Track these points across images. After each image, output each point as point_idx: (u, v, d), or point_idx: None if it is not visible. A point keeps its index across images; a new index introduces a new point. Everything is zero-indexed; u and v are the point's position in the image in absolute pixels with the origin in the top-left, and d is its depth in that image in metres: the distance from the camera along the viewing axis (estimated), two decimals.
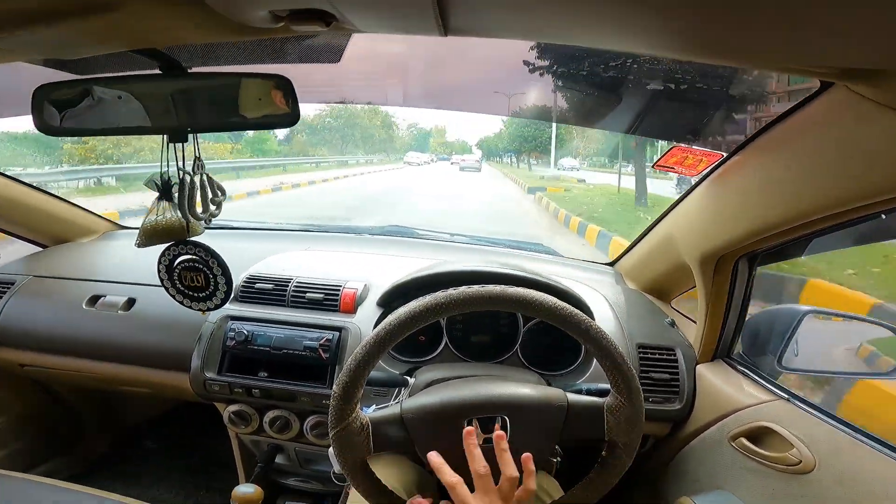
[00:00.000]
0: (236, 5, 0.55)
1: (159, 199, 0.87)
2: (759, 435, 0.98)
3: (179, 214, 0.87)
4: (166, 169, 0.83)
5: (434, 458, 0.74)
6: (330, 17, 0.58)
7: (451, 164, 25.37)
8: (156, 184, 0.86)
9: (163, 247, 0.98)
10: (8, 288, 1.48)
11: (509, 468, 0.72)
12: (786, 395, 0.99)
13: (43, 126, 0.76)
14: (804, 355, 1.14)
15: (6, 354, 1.46)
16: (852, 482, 0.79)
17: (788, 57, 0.55)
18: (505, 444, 0.73)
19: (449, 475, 0.71)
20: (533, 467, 0.74)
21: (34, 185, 1.64)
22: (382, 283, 1.32)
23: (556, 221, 8.79)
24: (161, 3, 0.53)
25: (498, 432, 0.74)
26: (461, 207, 10.16)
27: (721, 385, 1.11)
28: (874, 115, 0.60)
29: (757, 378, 1.08)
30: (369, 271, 1.43)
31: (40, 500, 1.05)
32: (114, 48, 0.69)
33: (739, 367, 1.14)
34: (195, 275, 1.00)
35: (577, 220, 7.87)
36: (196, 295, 1.01)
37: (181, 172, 0.84)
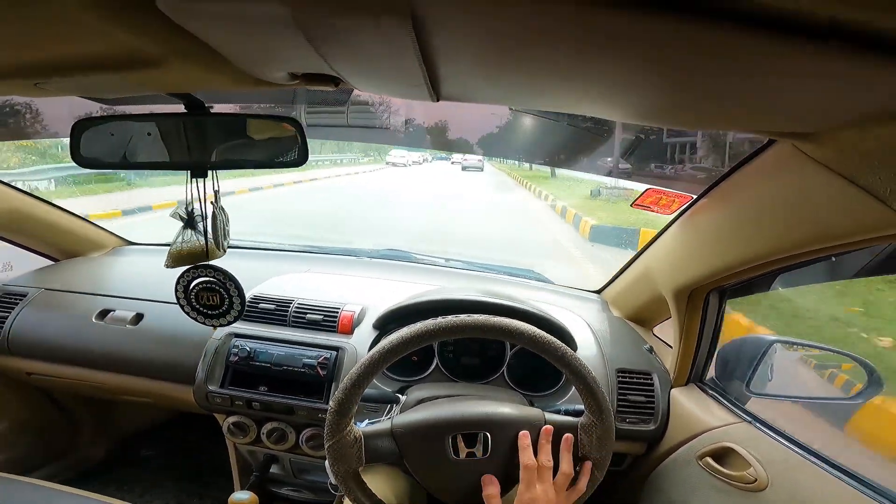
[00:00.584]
0: (260, 67, 0.64)
1: (184, 227, 0.95)
2: (723, 455, 1.05)
3: (201, 240, 0.95)
4: (189, 201, 0.91)
5: (523, 439, 0.81)
6: (338, 80, 0.67)
7: (452, 163, 23.69)
8: (180, 215, 0.93)
9: (181, 269, 1.06)
10: (20, 299, 1.54)
11: (567, 465, 0.80)
12: (749, 419, 1.07)
13: (79, 158, 0.83)
14: (771, 381, 1.22)
15: (14, 363, 1.51)
16: (802, 500, 0.87)
17: (737, 122, 0.63)
18: (570, 446, 0.81)
19: (528, 457, 0.79)
20: (588, 472, 0.82)
21: (48, 200, 1.71)
22: (379, 307, 1.39)
23: None
24: (194, 62, 0.60)
25: (567, 435, 0.82)
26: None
27: (692, 408, 1.18)
28: (813, 171, 0.67)
29: (724, 402, 1.15)
30: (366, 294, 1.50)
31: (37, 502, 1.10)
32: (148, 91, 0.76)
33: (710, 391, 1.21)
34: (211, 294, 1.07)
35: None
36: (209, 312, 1.09)
37: (202, 205, 0.92)
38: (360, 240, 6.51)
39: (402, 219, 8.30)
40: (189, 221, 0.94)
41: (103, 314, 1.49)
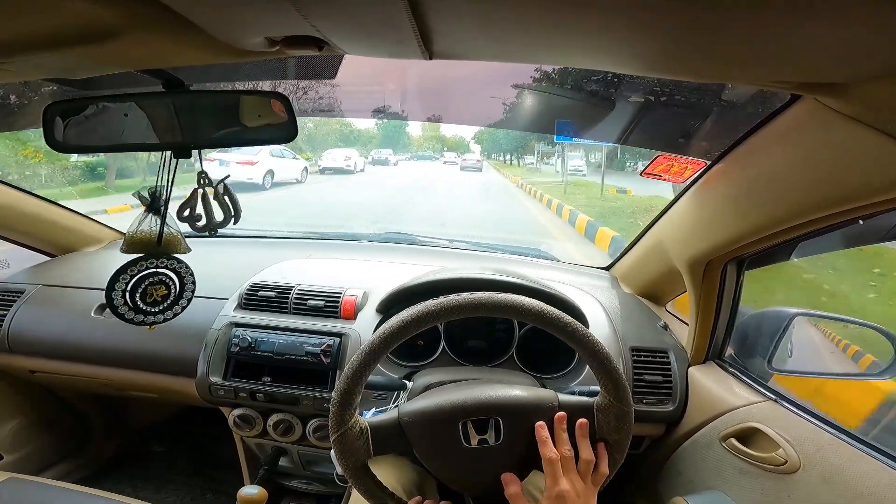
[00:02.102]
0: (233, 32, 0.59)
1: (146, 211, 0.90)
2: (748, 435, 1.00)
3: (152, 228, 0.91)
4: (163, 183, 0.86)
5: (541, 431, 0.77)
6: (321, 43, 0.62)
7: (445, 163, 22.13)
8: (142, 196, 0.89)
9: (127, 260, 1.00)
10: (18, 296, 1.52)
11: (586, 452, 0.76)
12: (773, 396, 1.02)
13: (53, 143, 0.79)
14: (792, 357, 1.16)
15: (17, 361, 1.50)
16: (837, 481, 0.82)
17: (756, 73, 0.58)
18: (585, 431, 0.77)
19: (550, 450, 0.75)
20: (606, 453, 0.79)
21: (41, 195, 1.68)
22: (381, 290, 1.35)
23: None
24: (160, 31, 0.56)
25: (581, 420, 0.78)
26: None
27: (712, 386, 1.13)
28: (840, 125, 0.63)
29: (746, 379, 1.10)
30: (369, 278, 1.46)
31: (52, 502, 1.09)
32: (116, 69, 0.72)
33: (730, 368, 1.16)
34: (156, 289, 1.02)
35: None
36: (149, 309, 1.03)
37: (161, 187, 0.88)
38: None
39: None
40: (152, 205, 0.89)
41: (102, 308, 1.46)
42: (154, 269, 1.00)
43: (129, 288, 0.98)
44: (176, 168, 0.86)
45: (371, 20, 0.53)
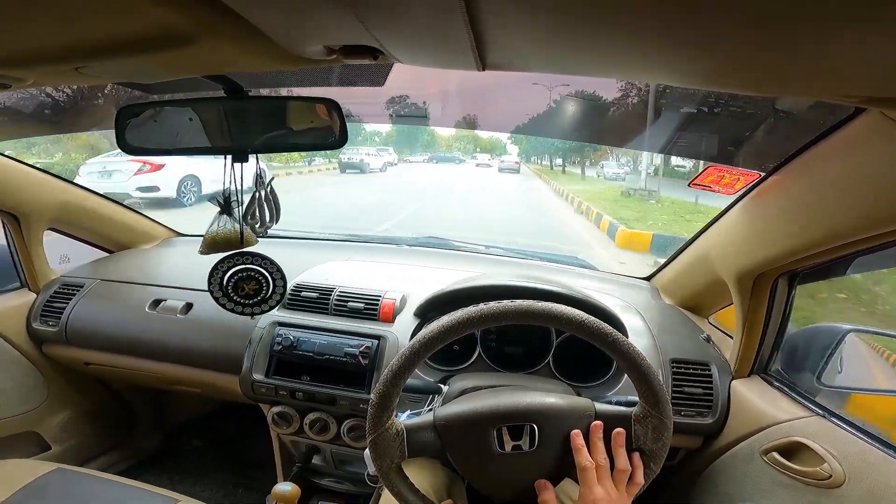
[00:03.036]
0: (296, 40, 0.61)
1: (220, 213, 0.94)
2: (791, 450, 0.98)
3: (237, 227, 0.95)
4: (229, 185, 0.90)
5: (576, 439, 0.77)
6: (377, 52, 0.64)
7: (477, 165, 21.24)
8: (217, 200, 0.93)
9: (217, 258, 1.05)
10: (77, 290, 1.61)
11: (622, 461, 0.76)
12: (821, 412, 0.98)
13: (124, 145, 0.84)
14: (843, 373, 1.12)
15: (73, 353, 1.58)
16: (881, 496, 0.79)
17: (821, 87, 0.56)
18: (622, 441, 0.77)
19: (585, 458, 0.76)
20: (641, 463, 0.78)
21: (100, 192, 1.77)
22: (419, 295, 1.36)
23: None
24: (230, 37, 0.59)
25: (618, 429, 0.78)
26: None
27: (756, 400, 1.10)
28: None
29: (793, 394, 1.07)
30: (407, 282, 1.48)
31: (99, 493, 1.14)
32: (187, 74, 0.76)
33: (776, 383, 1.13)
34: (249, 283, 1.07)
35: None
36: (247, 301, 1.08)
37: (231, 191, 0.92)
38: None
39: None
40: (225, 207, 0.93)
41: (156, 304, 1.53)
42: (242, 266, 1.06)
43: (223, 282, 1.04)
44: (242, 171, 0.90)
45: (430, 31, 0.55)
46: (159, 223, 1.99)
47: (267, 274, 1.09)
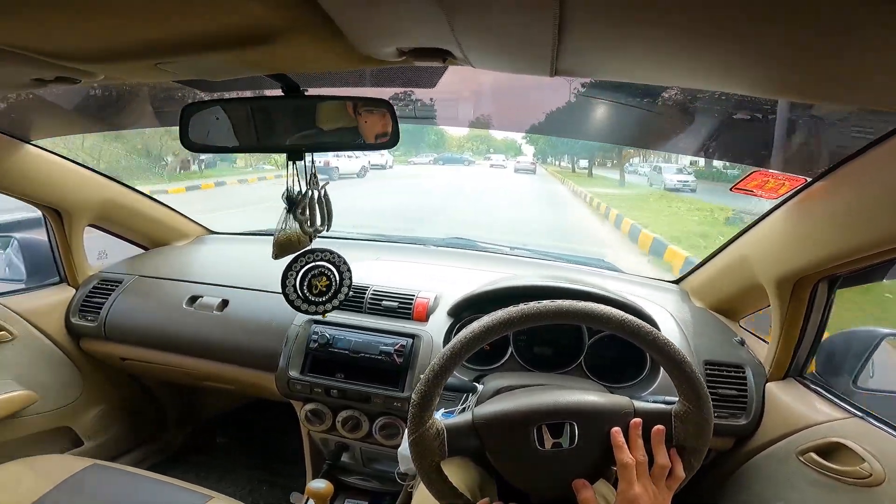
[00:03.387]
0: (371, 41, 0.63)
1: (287, 212, 0.96)
2: (829, 450, 0.99)
3: (297, 226, 0.97)
4: (291, 185, 0.93)
5: (616, 436, 0.78)
6: (448, 55, 0.65)
7: (492, 166, 20.20)
8: (286, 200, 0.95)
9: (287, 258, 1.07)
10: (116, 286, 1.64)
11: (662, 457, 0.77)
12: (860, 414, 0.99)
13: (188, 143, 0.86)
14: (873, 377, 1.12)
15: (110, 348, 1.61)
16: None
17: (876, 97, 0.57)
18: (662, 437, 0.78)
19: (625, 455, 0.76)
20: (680, 458, 0.79)
21: (137, 189, 1.80)
22: (451, 294, 1.38)
23: None
24: (309, 36, 0.60)
25: (658, 426, 0.78)
26: None
27: (791, 402, 1.11)
28: None
29: (830, 397, 1.08)
30: (438, 282, 1.50)
31: (132, 489, 1.16)
32: (257, 72, 0.77)
33: (812, 385, 1.14)
34: (318, 280, 1.09)
35: None
36: (317, 300, 1.10)
37: (303, 188, 0.94)
38: None
39: None
40: (292, 206, 0.95)
41: (192, 300, 1.55)
42: (314, 263, 1.07)
43: (297, 282, 1.06)
44: (296, 168, 0.92)
45: (515, 36, 0.55)
46: (193, 220, 2.02)
47: (334, 268, 1.11)
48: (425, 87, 0.99)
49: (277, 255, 0.97)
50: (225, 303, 1.53)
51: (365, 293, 1.43)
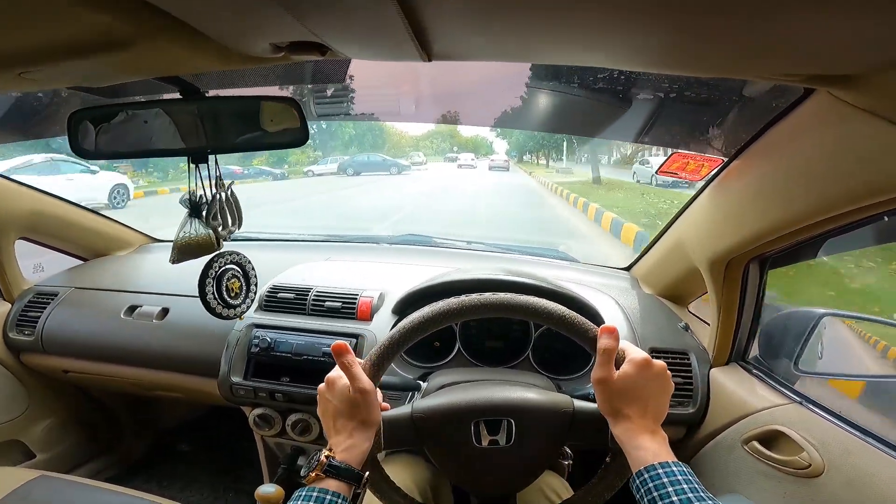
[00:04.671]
0: (239, 40, 0.60)
1: (189, 216, 0.93)
2: (771, 438, 0.98)
3: (208, 231, 0.93)
4: (194, 189, 0.89)
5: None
6: (323, 48, 0.63)
7: (460, 167, 19.52)
8: (186, 203, 0.92)
9: (204, 260, 1.04)
10: (52, 299, 1.59)
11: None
12: (800, 400, 0.98)
13: (78, 149, 0.82)
14: (822, 359, 1.12)
15: (50, 361, 1.57)
16: (861, 485, 0.79)
17: (764, 67, 0.56)
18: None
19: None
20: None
21: (72, 201, 1.75)
22: (397, 292, 1.36)
23: None
24: (171, 39, 0.58)
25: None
26: None
27: (735, 389, 1.10)
28: (856, 119, 0.61)
29: (771, 382, 1.07)
30: (385, 280, 1.47)
31: (83, 500, 1.13)
32: (133, 77, 0.75)
33: (754, 370, 1.13)
34: (231, 283, 1.06)
35: None
36: (232, 302, 1.07)
37: (204, 192, 0.90)
38: None
39: None
40: (194, 210, 0.91)
41: (131, 310, 1.52)
42: (226, 266, 1.05)
43: (215, 288, 1.03)
44: (200, 171, 0.88)
45: (366, 24, 0.54)
46: (135, 229, 1.97)
47: (239, 268, 1.08)
48: (334, 82, 0.95)
49: (176, 258, 0.94)
50: (165, 311, 1.49)
51: (308, 295, 1.40)
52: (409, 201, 10.11)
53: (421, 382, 1.11)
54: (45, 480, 1.17)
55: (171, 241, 1.94)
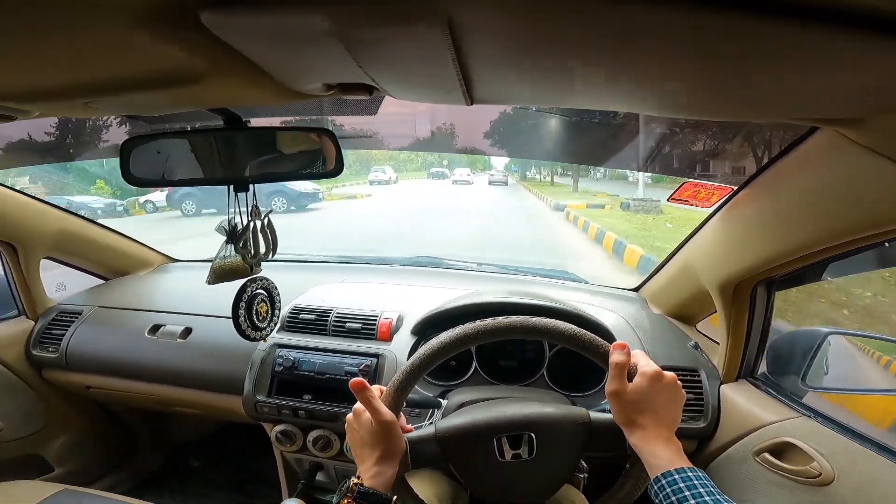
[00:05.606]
0: (297, 79, 0.65)
1: (227, 242, 0.97)
2: (781, 450, 1.02)
3: (238, 256, 0.97)
4: (232, 216, 0.93)
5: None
6: (372, 88, 0.68)
7: (454, 182, 18.87)
8: (224, 229, 0.96)
9: (230, 284, 1.08)
10: (76, 317, 1.63)
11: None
12: (808, 413, 1.03)
13: (129, 176, 0.86)
14: (829, 374, 1.17)
15: (74, 378, 1.60)
16: (870, 492, 0.83)
17: (773, 113, 0.61)
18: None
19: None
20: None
21: (97, 221, 1.80)
22: (415, 313, 1.40)
23: None
24: (236, 76, 0.62)
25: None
26: None
27: (745, 404, 1.15)
28: (858, 156, 0.65)
29: (780, 397, 1.11)
30: (402, 302, 1.51)
31: None
32: (194, 108, 0.79)
33: (763, 386, 1.17)
34: (259, 306, 1.10)
35: None
36: (258, 325, 1.11)
37: (245, 219, 0.95)
38: None
39: None
40: (231, 236, 0.96)
41: (155, 329, 1.55)
42: (256, 290, 1.09)
43: (245, 311, 1.07)
44: (238, 200, 0.92)
45: (421, 72, 0.59)
46: (154, 249, 2.01)
47: (267, 293, 1.13)
48: (367, 115, 1.01)
49: (212, 281, 0.98)
50: (188, 331, 1.53)
51: (329, 316, 1.44)
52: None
53: (441, 400, 1.15)
54: (68, 494, 1.20)
55: (189, 261, 2.01)
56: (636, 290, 1.66)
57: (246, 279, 1.03)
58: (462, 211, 11.19)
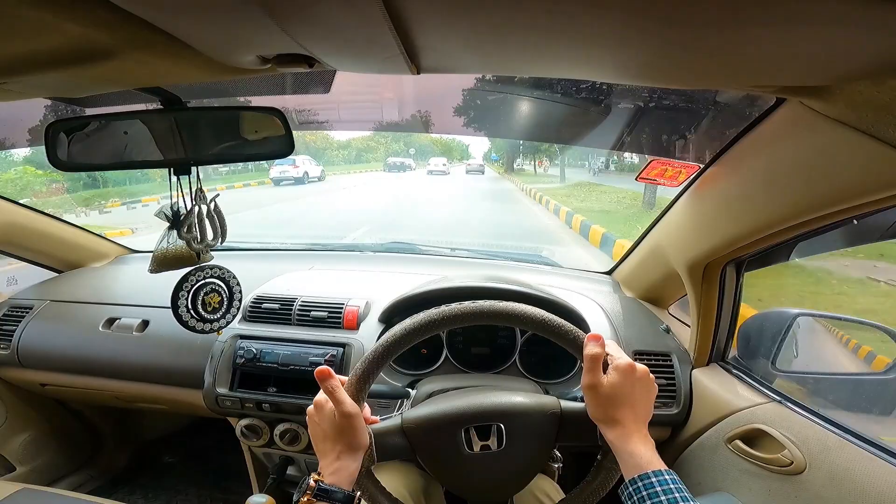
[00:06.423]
0: (226, 51, 0.60)
1: (170, 228, 0.92)
2: (753, 437, 1.00)
3: (183, 243, 0.92)
4: (175, 200, 0.88)
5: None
6: (311, 60, 0.63)
7: (430, 172, 18.34)
8: (166, 215, 0.90)
9: (181, 273, 1.02)
10: (27, 312, 1.56)
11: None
12: (778, 398, 1.01)
13: (56, 161, 0.81)
14: (797, 357, 1.16)
15: (27, 375, 1.54)
16: (843, 481, 0.81)
17: (739, 79, 0.58)
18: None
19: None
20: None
21: (46, 212, 1.71)
22: (383, 300, 1.36)
23: None
24: (155, 51, 0.57)
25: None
26: None
27: (716, 389, 1.13)
28: (825, 128, 0.63)
29: (750, 381, 1.10)
30: (371, 289, 1.47)
31: None
32: (114, 88, 0.73)
33: (734, 370, 1.16)
34: (211, 297, 1.05)
35: None
36: (210, 317, 1.06)
37: (185, 203, 0.89)
38: None
39: None
40: (174, 222, 0.90)
41: (110, 322, 1.49)
42: (204, 280, 1.03)
43: (189, 301, 1.01)
44: (181, 183, 0.87)
45: (357, 39, 0.54)
46: (111, 240, 1.94)
47: (223, 283, 1.07)
48: (319, 93, 0.95)
49: (154, 269, 0.93)
50: (145, 323, 1.47)
51: (293, 304, 1.39)
52: None
53: (409, 390, 1.11)
54: (26, 493, 1.15)
55: (148, 252, 1.94)
56: (609, 272, 1.64)
57: (191, 268, 0.98)
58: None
